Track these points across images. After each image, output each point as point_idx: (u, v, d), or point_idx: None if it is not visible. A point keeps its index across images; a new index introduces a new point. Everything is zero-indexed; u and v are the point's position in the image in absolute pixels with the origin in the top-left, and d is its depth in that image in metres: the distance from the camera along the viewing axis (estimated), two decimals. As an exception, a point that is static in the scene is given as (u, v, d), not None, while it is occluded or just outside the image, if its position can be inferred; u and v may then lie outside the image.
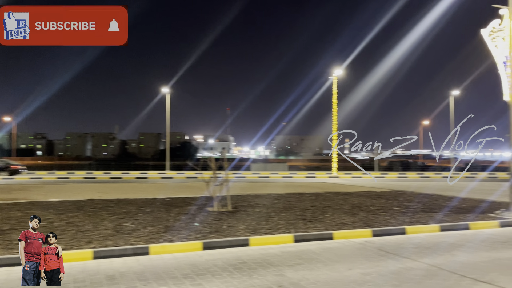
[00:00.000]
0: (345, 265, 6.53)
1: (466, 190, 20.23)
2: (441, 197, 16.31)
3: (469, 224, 9.91)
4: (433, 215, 11.25)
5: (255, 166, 42.94)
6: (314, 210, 12.04)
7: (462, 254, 7.34)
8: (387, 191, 19.47)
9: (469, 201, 14.86)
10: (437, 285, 5.55)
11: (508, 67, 11.28)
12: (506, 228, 10.00)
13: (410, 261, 6.82)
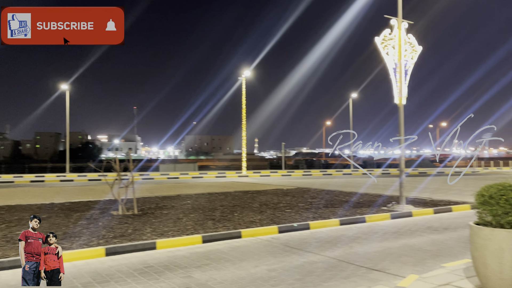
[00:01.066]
0: (252, 263, 6.65)
1: (363, 186, 21.88)
2: (342, 193, 17.43)
3: (365, 217, 10.72)
4: (334, 210, 11.97)
5: (164, 167, 41.96)
6: (223, 210, 12.10)
7: (359, 245, 7.91)
8: (293, 188, 20.29)
9: (366, 196, 16.08)
10: (336, 276, 5.90)
11: (398, 73, 12.43)
12: (397, 220, 10.99)
13: (312, 255, 7.17)
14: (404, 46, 12.41)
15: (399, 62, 12.33)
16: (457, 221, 10.63)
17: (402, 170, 12.74)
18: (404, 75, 12.54)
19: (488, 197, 4.68)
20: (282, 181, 27.65)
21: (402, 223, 10.44)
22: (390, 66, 12.42)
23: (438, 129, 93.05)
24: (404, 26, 12.40)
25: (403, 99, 12.49)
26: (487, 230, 4.58)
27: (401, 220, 10.91)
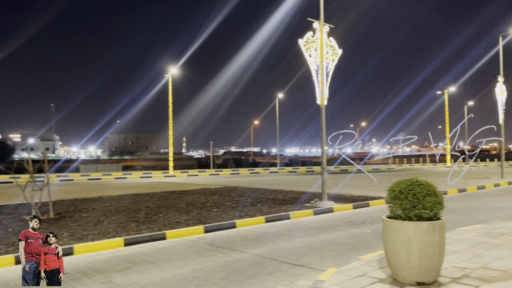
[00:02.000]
0: (177, 264, 6.53)
1: (289, 183, 22.50)
2: (268, 191, 17.76)
3: (289, 214, 11.02)
4: (261, 208, 12.15)
5: (85, 168, 39.80)
6: (148, 211, 11.76)
7: (283, 242, 8.11)
8: (221, 187, 20.28)
9: (291, 194, 16.54)
10: (260, 272, 6.00)
11: (320, 75, 12.94)
12: (319, 216, 11.44)
13: (238, 253, 7.22)
14: (325, 48, 12.94)
15: (321, 64, 12.84)
16: (374, 215, 11.31)
17: (324, 168, 13.28)
18: (326, 76, 13.08)
19: (398, 192, 5.02)
20: (210, 180, 27.53)
21: (324, 219, 10.88)
22: (312, 67, 12.88)
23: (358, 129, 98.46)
24: (325, 29, 12.94)
25: (324, 100, 13.02)
26: (397, 223, 4.92)
27: (323, 216, 11.37)
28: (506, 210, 11.86)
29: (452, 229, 8.49)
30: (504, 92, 25.11)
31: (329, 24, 13.02)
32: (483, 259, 5.92)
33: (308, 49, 12.69)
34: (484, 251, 6.43)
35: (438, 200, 4.94)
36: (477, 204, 13.52)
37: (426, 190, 4.93)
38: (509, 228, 8.29)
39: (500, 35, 24.95)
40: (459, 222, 9.87)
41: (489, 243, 6.95)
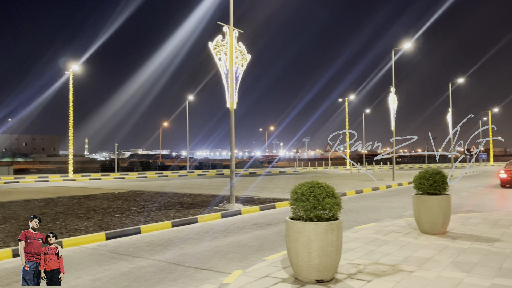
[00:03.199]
0: (74, 274, 6.09)
1: (198, 187, 22.32)
2: (177, 195, 17.43)
3: (197, 218, 10.92)
4: (168, 212, 11.87)
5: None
6: (43, 218, 10.82)
7: (189, 246, 8.00)
8: (126, 192, 19.44)
9: (200, 197, 16.41)
10: (165, 279, 5.84)
11: (229, 79, 13.05)
12: (227, 219, 11.50)
13: (142, 259, 6.95)
14: (235, 53, 13.10)
15: (231, 68, 12.97)
16: (279, 216, 11.68)
17: (233, 171, 13.40)
18: (235, 81, 13.24)
19: (300, 194, 5.24)
20: (115, 184, 26.24)
21: (231, 222, 10.96)
22: (222, 71, 12.96)
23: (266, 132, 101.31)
24: (235, 34, 13.10)
25: (234, 104, 13.16)
26: (299, 224, 5.12)
27: (231, 219, 11.46)
28: (395, 209, 13.02)
29: (349, 228, 9.09)
30: (395, 102, 27.63)
31: (239, 29, 13.21)
32: (375, 255, 6.42)
33: (218, 52, 12.73)
34: (376, 247, 6.98)
35: (336, 201, 5.25)
36: (372, 204, 14.66)
37: (326, 192, 5.21)
38: (398, 226, 9.11)
39: (393, 49, 27.45)
40: (356, 221, 10.60)
41: (380, 240, 7.56)
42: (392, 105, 27.46)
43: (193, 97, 50.08)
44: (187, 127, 48.76)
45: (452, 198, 8.55)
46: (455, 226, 8.83)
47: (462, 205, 13.63)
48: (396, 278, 5.21)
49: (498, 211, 11.65)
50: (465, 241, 7.35)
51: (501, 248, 6.77)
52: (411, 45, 27.76)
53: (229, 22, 12.97)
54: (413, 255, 6.42)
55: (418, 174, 8.46)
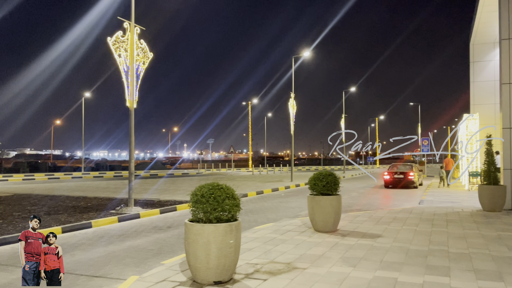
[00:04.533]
0: None
1: (93, 189, 21.02)
2: (69, 198, 16.24)
3: (91, 222, 10.27)
4: (58, 217, 11.00)
5: None
6: None
7: (81, 253, 7.49)
8: (8, 195, 17.58)
9: (95, 200, 15.48)
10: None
11: (130, 76, 12.53)
12: (124, 222, 11.01)
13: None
14: (136, 50, 12.62)
15: (131, 65, 12.46)
16: (180, 219, 11.50)
17: (132, 173, 12.88)
18: (136, 79, 12.75)
19: (200, 196, 5.21)
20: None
21: (129, 225, 10.52)
22: (122, 68, 12.38)
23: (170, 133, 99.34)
24: (136, 30, 12.62)
25: (134, 103, 12.66)
26: (198, 226, 5.09)
27: (129, 222, 10.99)
28: (293, 209, 13.63)
29: (249, 228, 9.29)
30: (295, 107, 28.99)
31: (140, 26, 12.76)
32: (272, 254, 6.64)
33: (117, 49, 12.13)
34: (273, 247, 7.23)
35: (236, 202, 5.32)
36: (271, 204, 15.17)
37: (226, 194, 5.25)
38: (294, 225, 9.55)
39: (293, 56, 28.79)
40: (255, 221, 10.87)
41: (277, 239, 7.85)
42: (292, 110, 28.76)
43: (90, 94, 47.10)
44: (82, 126, 45.72)
45: (343, 198, 9.22)
46: (345, 224, 9.51)
47: (352, 205, 14.76)
48: (290, 276, 5.44)
49: (381, 209, 12.83)
50: (353, 238, 7.96)
51: (383, 243, 7.46)
52: (309, 53, 29.36)
53: (131, 18, 12.45)
54: (306, 252, 6.77)
55: (313, 175, 8.97)
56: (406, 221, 10.06)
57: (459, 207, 13.00)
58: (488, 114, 21.00)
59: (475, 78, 22.84)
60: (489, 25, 19.58)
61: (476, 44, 22.70)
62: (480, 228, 9.09)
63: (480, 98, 22.44)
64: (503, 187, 11.79)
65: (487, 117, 20.81)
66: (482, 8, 18.29)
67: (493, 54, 21.56)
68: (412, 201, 15.97)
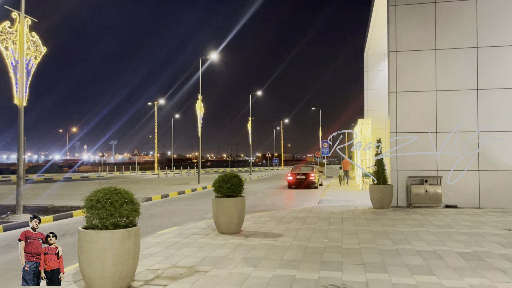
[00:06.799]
0: None
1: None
2: None
3: (-30, 233, 9.14)
4: None
5: None
6: None
7: (-44, 268, 6.62)
8: None
9: (-25, 208, 13.82)
10: None
11: (19, 72, 11.41)
12: (11, 232, 9.99)
13: None
14: (27, 43, 11.54)
15: (21, 59, 11.36)
16: (76, 225, 10.75)
17: (20, 177, 11.74)
18: (27, 74, 11.66)
19: (95, 201, 4.93)
20: None
21: (16, 235, 9.54)
22: (9, 62, 11.24)
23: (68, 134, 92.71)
24: (27, 22, 11.54)
25: (24, 100, 11.56)
26: (93, 233, 4.80)
27: (16, 231, 9.99)
28: (199, 212, 13.55)
29: (151, 233, 9.01)
30: (202, 109, 28.89)
31: (32, 18, 11.69)
32: (174, 259, 6.52)
33: (4, 40, 10.97)
34: (176, 251, 7.10)
35: (134, 207, 5.12)
36: (177, 208, 14.91)
37: (124, 199, 5.03)
38: (199, 228, 9.49)
39: (201, 58, 28.68)
40: (159, 226, 10.59)
41: (181, 243, 7.72)
42: (199, 112, 28.62)
43: (-28, 89, 41.96)
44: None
45: (248, 199, 9.40)
46: (248, 225, 9.70)
47: (257, 205, 15.11)
48: (192, 280, 5.39)
49: (284, 209, 13.33)
50: (255, 238, 8.14)
51: (283, 242, 7.75)
52: (217, 56, 29.50)
53: (20, 8, 11.36)
54: (209, 255, 6.76)
55: (218, 177, 9.01)
56: (306, 220, 10.57)
57: (353, 206, 14.02)
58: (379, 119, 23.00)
59: (368, 86, 24.89)
60: (380, 38, 21.49)
61: (370, 54, 24.76)
62: (370, 224, 9.89)
63: (372, 105, 24.51)
64: (390, 186, 12.99)
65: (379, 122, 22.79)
66: (374, 22, 20.01)
67: (384, 64, 23.69)
68: (312, 201, 16.84)
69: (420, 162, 13.35)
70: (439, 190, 12.99)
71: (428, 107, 13.52)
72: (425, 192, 13.05)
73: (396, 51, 13.81)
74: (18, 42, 11.23)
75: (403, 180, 13.48)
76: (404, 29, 13.79)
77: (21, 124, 11.61)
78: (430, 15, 13.65)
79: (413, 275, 5.55)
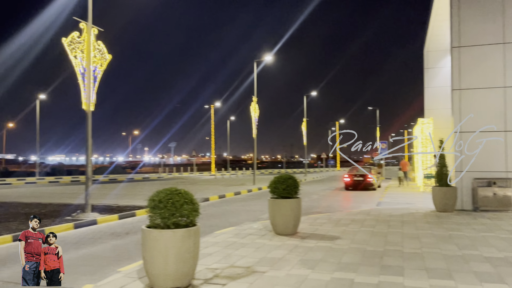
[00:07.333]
0: None
1: (49, 195, 20.22)
2: (22, 205, 15.54)
3: (44, 230, 9.85)
4: (8, 225, 10.50)
5: None
6: None
7: (33, 262, 7.17)
8: (-45, 203, 16.58)
9: (50, 207, 14.90)
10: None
11: (86, 78, 12.17)
12: (81, 229, 10.65)
13: (-30, 282, 5.99)
14: (93, 52, 12.28)
15: (88, 67, 12.11)
16: (139, 224, 11.24)
17: (89, 178, 12.50)
18: (93, 81, 12.40)
19: (158, 201, 5.13)
20: None
21: (85, 232, 10.19)
22: (78, 70, 12.02)
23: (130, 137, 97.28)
24: (94, 31, 12.28)
25: (91, 106, 12.31)
26: (156, 232, 5.01)
27: (85, 229, 10.65)
28: (255, 213, 13.67)
29: (209, 233, 9.22)
30: (257, 110, 29.13)
31: (98, 27, 12.43)
32: (232, 259, 6.63)
33: (73, 50, 11.76)
34: (233, 251, 7.21)
35: (194, 207, 5.27)
36: (233, 208, 15.15)
37: (184, 199, 5.19)
38: (255, 229, 9.58)
39: (255, 61, 28.93)
40: (217, 226, 10.81)
41: (238, 243, 7.84)
42: (254, 114, 28.88)
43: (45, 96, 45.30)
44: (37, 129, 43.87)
45: (303, 201, 9.35)
46: (304, 227, 9.64)
47: (312, 207, 14.98)
48: (250, 280, 5.45)
49: (341, 212, 13.10)
50: (312, 240, 8.08)
51: (341, 245, 7.62)
52: (271, 58, 29.60)
53: (88, 19, 12.11)
54: (266, 256, 6.80)
55: (273, 179, 9.04)
56: (363, 222, 10.33)
57: (414, 208, 13.49)
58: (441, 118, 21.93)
59: (428, 83, 23.81)
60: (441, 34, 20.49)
61: (430, 51, 23.70)
62: (432, 228, 9.46)
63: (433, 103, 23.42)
64: (454, 188, 12.34)
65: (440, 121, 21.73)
66: (435, 17, 19.13)
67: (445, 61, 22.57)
68: (370, 203, 16.40)
69: (487, 163, 12.56)
70: (509, 193, 12.15)
71: (496, 104, 12.69)
72: (493, 195, 12.26)
73: (460, 46, 13.12)
74: (85, 50, 11.98)
75: (469, 182, 12.75)
76: (468, 23, 13.06)
77: (89, 128, 12.36)
78: (497, 6, 12.82)
79: (482, 283, 5.24)
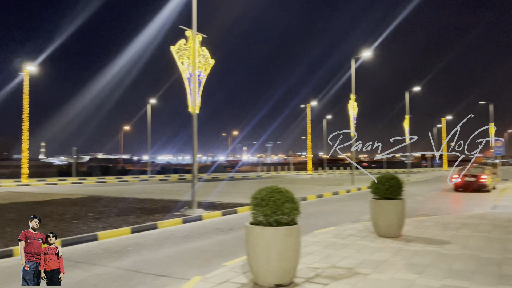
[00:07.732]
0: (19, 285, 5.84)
1: (159, 192, 21.97)
2: (137, 200, 17.09)
3: (157, 223, 10.75)
4: (127, 218, 11.62)
5: None
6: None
7: (148, 252, 7.86)
8: (83, 197, 18.85)
9: (160, 202, 16.17)
10: (122, 286, 5.72)
11: (192, 83, 12.98)
12: (188, 224, 11.40)
13: (98, 267, 6.77)
14: (198, 57, 13.06)
15: (193, 72, 12.91)
16: (241, 221, 11.68)
17: (195, 176, 13.30)
18: (198, 85, 13.18)
19: (260, 199, 5.28)
20: (72, 189, 25.40)
21: (192, 227, 10.87)
22: (185, 75, 12.87)
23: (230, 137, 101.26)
24: (198, 38, 13.06)
25: (196, 108, 13.09)
26: (259, 229, 5.16)
27: (192, 224, 11.37)
28: (354, 213, 13.34)
29: (309, 232, 9.22)
30: (355, 108, 28.37)
31: (202, 34, 13.18)
32: (333, 259, 6.56)
33: (180, 56, 12.64)
34: (334, 251, 7.13)
35: (295, 206, 5.33)
36: (332, 208, 14.96)
37: (285, 197, 5.28)
38: (356, 230, 9.35)
39: (353, 58, 28.19)
40: (315, 225, 10.77)
41: (338, 244, 7.73)
42: (352, 112, 28.18)
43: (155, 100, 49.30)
44: (148, 131, 47.94)
45: (407, 202, 8.88)
46: (409, 230, 9.15)
47: (417, 209, 14.14)
48: (352, 281, 5.34)
49: (449, 215, 12.18)
50: (418, 244, 7.64)
51: (451, 250, 7.09)
52: (370, 53, 28.59)
53: (192, 27, 12.91)
54: (369, 258, 6.61)
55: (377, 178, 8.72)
56: (477, 227, 9.48)
57: (538, 213, 12.01)
58: None
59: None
60: None
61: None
62: (563, 236, 8.35)
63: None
64: None
65: None
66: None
67: None
68: (484, 206, 14.99)
69: None
70: None
71: None
72: None
73: None
74: (191, 57, 12.79)
75: None
76: None
77: (195, 130, 13.16)
78: None
79: None
